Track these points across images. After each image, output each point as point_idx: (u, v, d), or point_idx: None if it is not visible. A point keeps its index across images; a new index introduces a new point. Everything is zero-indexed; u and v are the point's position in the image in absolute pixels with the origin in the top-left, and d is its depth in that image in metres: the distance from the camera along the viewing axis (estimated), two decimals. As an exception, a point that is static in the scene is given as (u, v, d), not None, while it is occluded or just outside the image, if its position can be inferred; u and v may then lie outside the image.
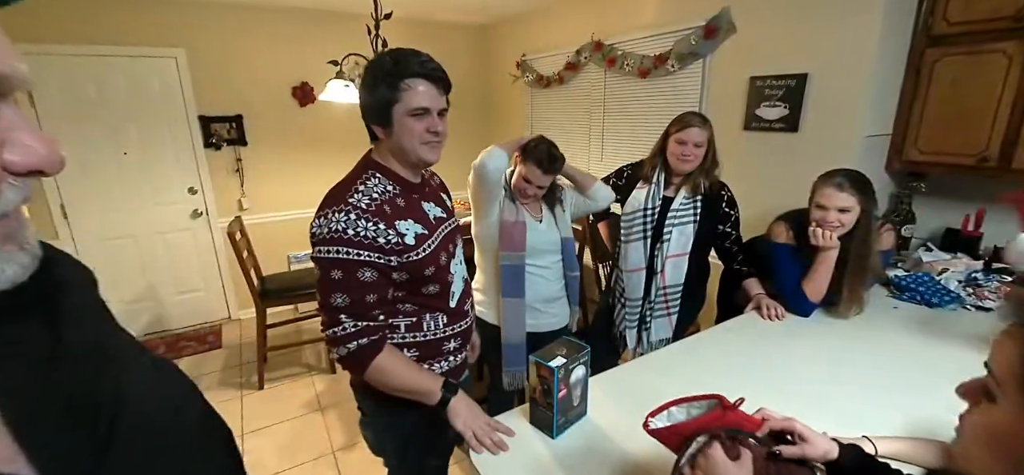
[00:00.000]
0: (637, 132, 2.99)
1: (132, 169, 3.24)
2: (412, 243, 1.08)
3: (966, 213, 2.02)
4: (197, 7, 3.21)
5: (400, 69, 1.03)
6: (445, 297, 1.20)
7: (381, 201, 1.06)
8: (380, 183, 1.09)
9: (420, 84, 1.04)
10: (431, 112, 1.07)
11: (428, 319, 1.19)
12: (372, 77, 1.05)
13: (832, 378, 1.33)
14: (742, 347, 1.52)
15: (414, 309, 1.17)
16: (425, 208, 1.17)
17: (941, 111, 1.87)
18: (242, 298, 3.77)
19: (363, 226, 1.01)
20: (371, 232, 1.02)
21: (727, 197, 1.83)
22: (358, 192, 1.05)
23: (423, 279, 1.13)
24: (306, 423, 2.59)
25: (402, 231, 1.07)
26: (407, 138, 1.06)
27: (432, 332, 1.20)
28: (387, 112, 1.05)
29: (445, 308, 1.21)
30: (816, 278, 1.62)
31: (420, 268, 1.10)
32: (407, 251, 1.07)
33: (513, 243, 1.67)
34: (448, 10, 3.74)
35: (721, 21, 2.37)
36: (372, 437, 1.33)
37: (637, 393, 1.29)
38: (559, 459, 1.04)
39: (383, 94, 1.04)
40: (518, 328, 1.74)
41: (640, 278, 1.87)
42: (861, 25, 1.89)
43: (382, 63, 1.05)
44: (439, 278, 1.16)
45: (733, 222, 1.85)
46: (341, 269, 1.02)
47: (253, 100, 3.48)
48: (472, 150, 5.47)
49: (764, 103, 2.26)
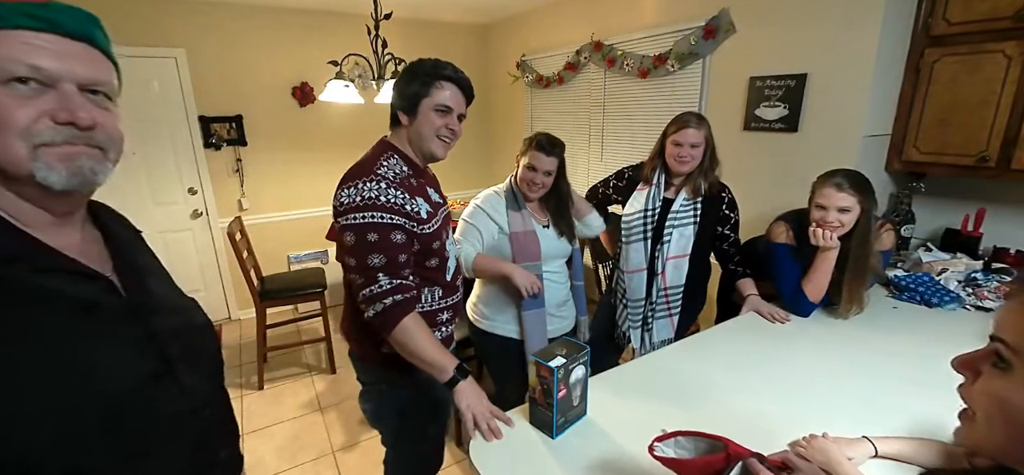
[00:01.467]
0: (637, 132, 2.99)
1: (132, 169, 3.24)
2: (425, 217, 1.21)
3: (966, 213, 2.02)
4: (197, 7, 3.21)
5: (437, 71, 1.19)
6: (443, 271, 1.32)
7: (402, 177, 1.19)
8: (398, 163, 1.22)
9: (449, 87, 1.20)
10: (452, 112, 1.21)
11: (427, 292, 1.30)
12: (412, 72, 1.21)
13: (832, 378, 1.33)
14: (742, 347, 1.52)
15: (416, 282, 1.25)
16: (429, 191, 1.29)
17: (941, 111, 1.87)
18: (242, 298, 3.78)
19: (393, 194, 1.14)
20: (400, 199, 1.14)
21: (727, 199, 1.83)
22: (384, 166, 1.18)
23: (429, 252, 1.25)
24: (306, 423, 2.59)
25: (418, 205, 1.20)
26: (426, 128, 1.20)
27: (429, 304, 1.31)
28: (415, 102, 1.19)
29: (441, 281, 1.33)
30: (816, 278, 1.62)
31: (430, 241, 1.22)
32: (422, 223, 1.20)
33: (528, 253, 1.64)
34: (448, 10, 3.74)
35: (721, 21, 2.37)
36: (371, 408, 1.42)
37: (637, 393, 1.29)
38: (559, 459, 1.04)
39: (416, 87, 1.19)
40: (541, 338, 1.70)
41: (641, 279, 1.87)
42: (861, 25, 1.89)
43: (424, 63, 1.21)
44: (440, 253, 1.29)
45: (732, 224, 1.84)
46: (377, 232, 1.12)
47: (253, 100, 3.48)
48: (471, 150, 5.45)
49: (764, 103, 2.26)
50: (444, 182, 1.50)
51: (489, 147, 4.62)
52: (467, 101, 1.25)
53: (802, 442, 1.04)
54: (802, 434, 1.06)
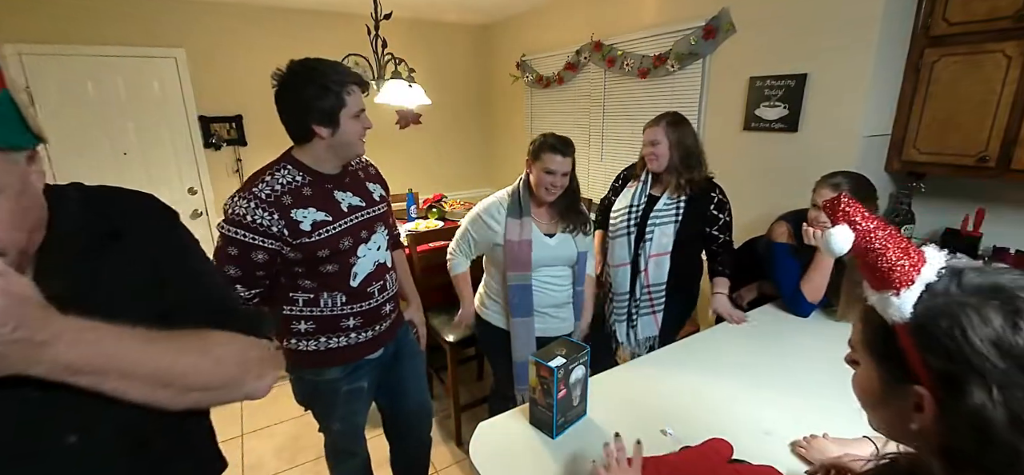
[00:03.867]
0: (637, 132, 2.97)
1: (132, 169, 3.25)
2: (307, 229, 1.23)
3: (965, 213, 2.02)
4: (197, 7, 3.21)
5: (343, 78, 1.23)
6: (345, 278, 1.34)
7: (288, 189, 1.23)
8: (290, 173, 1.26)
9: (356, 90, 1.26)
10: (364, 111, 1.29)
11: (326, 297, 1.33)
12: (318, 85, 1.21)
13: (832, 378, 1.32)
14: (742, 347, 1.52)
15: (313, 286, 1.31)
16: (337, 197, 1.32)
17: (940, 111, 1.87)
18: (242, 298, 3.77)
19: (260, 215, 1.18)
20: (266, 221, 1.19)
21: (717, 200, 1.80)
22: (265, 182, 1.23)
23: (316, 260, 1.27)
24: (306, 424, 2.59)
25: (300, 216, 1.23)
26: (351, 135, 1.27)
27: (329, 309, 1.34)
28: (334, 115, 1.23)
29: (344, 288, 1.34)
30: (814, 278, 1.62)
31: (313, 249, 1.25)
32: (301, 236, 1.23)
33: (519, 263, 1.65)
34: (448, 10, 3.74)
35: (721, 21, 2.37)
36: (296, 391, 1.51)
37: (637, 393, 1.29)
38: (559, 459, 1.04)
39: (332, 101, 1.21)
40: (528, 346, 1.71)
41: (625, 273, 1.88)
42: (861, 25, 1.89)
43: (323, 72, 1.21)
44: (338, 260, 1.31)
45: (721, 226, 1.81)
46: (237, 247, 1.19)
47: (253, 100, 3.48)
48: (472, 150, 5.43)
49: (764, 103, 2.26)
50: (444, 182, 1.51)
51: (489, 147, 4.62)
52: (365, 92, 1.32)
53: (802, 442, 1.04)
54: (802, 434, 1.06)
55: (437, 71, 4.13)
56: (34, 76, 2.89)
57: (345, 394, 1.43)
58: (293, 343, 1.35)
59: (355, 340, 1.40)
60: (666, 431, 1.12)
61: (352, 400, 1.46)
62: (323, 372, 1.39)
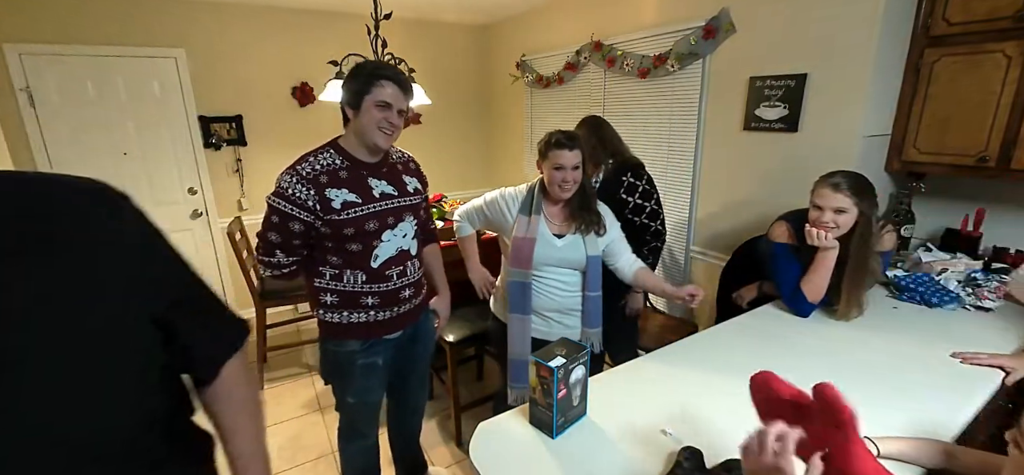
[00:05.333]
0: (637, 132, 2.98)
1: (132, 169, 3.25)
2: (338, 208, 1.38)
3: (965, 213, 2.02)
4: (197, 7, 3.21)
5: (378, 71, 1.37)
6: (366, 258, 1.47)
7: (326, 170, 1.39)
8: (331, 157, 1.42)
9: (389, 85, 1.37)
10: (391, 107, 1.38)
11: (348, 273, 1.47)
12: (355, 73, 1.39)
13: (832, 378, 1.31)
14: (741, 347, 1.52)
15: (338, 262, 1.46)
16: (371, 183, 1.45)
17: (940, 111, 1.87)
18: (242, 298, 3.76)
19: (299, 189, 1.35)
20: (303, 195, 1.35)
21: (627, 184, 1.92)
22: (308, 162, 1.39)
23: (344, 237, 1.41)
24: (306, 423, 2.59)
25: (334, 196, 1.38)
26: (368, 121, 1.38)
27: (351, 286, 1.48)
28: (359, 98, 1.37)
29: (365, 267, 1.48)
30: (814, 278, 1.62)
31: (341, 227, 1.39)
32: (332, 213, 1.37)
33: (520, 259, 1.64)
34: (448, 10, 3.74)
35: (721, 21, 2.37)
36: (320, 364, 1.64)
37: (637, 393, 1.29)
38: (559, 459, 1.04)
39: (360, 85, 1.37)
40: (523, 345, 1.68)
41: None
42: (860, 25, 1.89)
43: (367, 65, 1.40)
44: (362, 240, 1.44)
45: (632, 208, 1.92)
46: (278, 215, 1.38)
47: (253, 100, 3.48)
48: (472, 150, 5.44)
49: (764, 103, 2.26)
50: (444, 182, 1.54)
51: (489, 147, 4.62)
52: (407, 97, 1.42)
53: None
54: (802, 434, 1.06)
55: (437, 71, 4.13)
56: (34, 76, 2.89)
57: (361, 368, 1.55)
58: (321, 314, 1.51)
59: (373, 318, 1.52)
60: (666, 431, 1.12)
61: (367, 374, 1.58)
62: (343, 344, 1.53)
